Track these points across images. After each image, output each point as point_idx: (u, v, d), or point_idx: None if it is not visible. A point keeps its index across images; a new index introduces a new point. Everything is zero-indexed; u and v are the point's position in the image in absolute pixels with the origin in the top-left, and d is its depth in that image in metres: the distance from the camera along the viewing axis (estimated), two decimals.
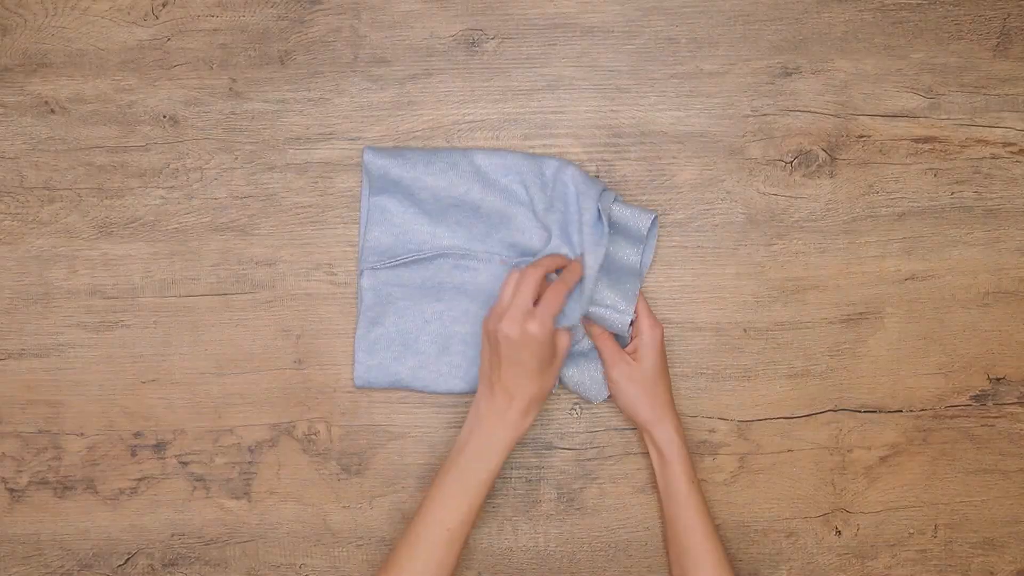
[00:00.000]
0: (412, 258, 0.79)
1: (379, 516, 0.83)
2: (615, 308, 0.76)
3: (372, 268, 0.79)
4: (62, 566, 0.82)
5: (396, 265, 0.80)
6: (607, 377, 0.77)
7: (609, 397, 0.81)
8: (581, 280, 0.75)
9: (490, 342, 0.72)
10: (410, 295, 0.80)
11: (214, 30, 0.81)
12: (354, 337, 0.80)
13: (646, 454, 0.83)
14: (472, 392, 0.80)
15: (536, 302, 0.71)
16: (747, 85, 0.82)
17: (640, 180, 0.82)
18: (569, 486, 0.83)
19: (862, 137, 0.82)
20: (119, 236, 0.81)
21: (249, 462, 0.82)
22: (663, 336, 0.77)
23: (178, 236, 0.81)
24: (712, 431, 0.83)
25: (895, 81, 0.82)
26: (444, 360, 0.80)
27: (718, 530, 0.79)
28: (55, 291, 0.82)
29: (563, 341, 0.74)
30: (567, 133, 0.82)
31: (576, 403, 0.84)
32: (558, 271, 0.76)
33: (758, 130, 0.82)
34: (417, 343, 0.80)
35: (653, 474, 0.82)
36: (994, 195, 0.83)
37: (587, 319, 0.78)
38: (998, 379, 0.84)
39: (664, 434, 0.76)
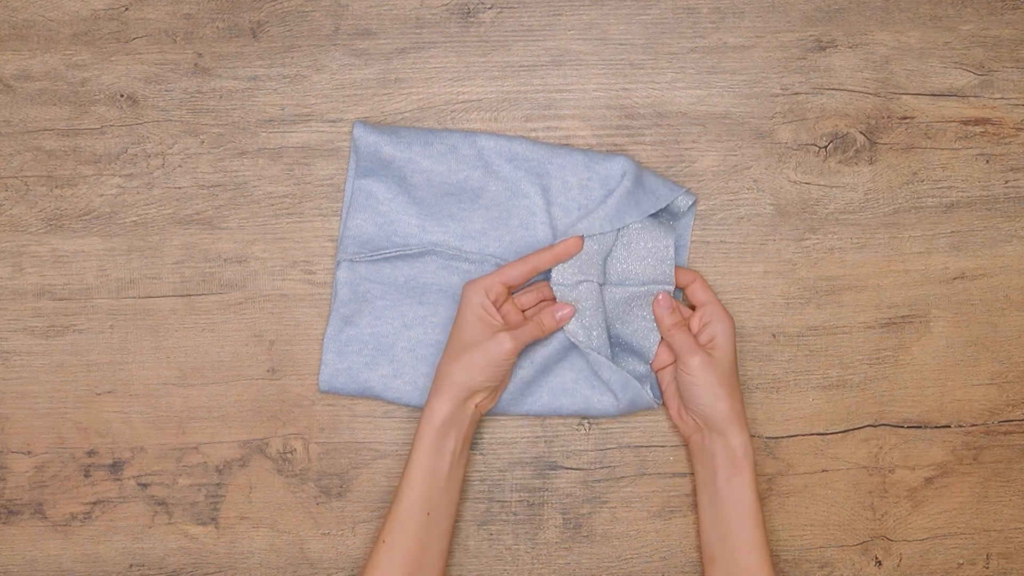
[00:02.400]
0: (396, 253, 0.78)
1: (362, 544, 0.80)
2: (652, 280, 0.76)
3: (351, 260, 0.78)
4: None
5: (377, 259, 0.78)
6: (683, 367, 0.74)
7: (660, 404, 0.79)
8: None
9: None
10: (390, 295, 0.79)
11: None
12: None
13: (664, 474, 0.80)
14: None
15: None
16: (776, 60, 0.80)
17: (656, 167, 0.81)
18: (576, 510, 0.81)
19: (905, 119, 0.81)
20: (71, 230, 0.80)
21: (217, 484, 0.80)
22: (735, 329, 0.76)
23: (137, 230, 0.80)
24: None
25: (942, 56, 0.81)
26: (421, 371, 0.78)
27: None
28: None
29: (502, 342, 0.72)
30: (574, 114, 0.80)
31: (584, 418, 0.81)
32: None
33: (788, 111, 0.81)
34: (393, 349, 0.78)
35: (680, 490, 0.80)
36: None
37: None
38: None
39: (740, 437, 0.74)
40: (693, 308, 0.77)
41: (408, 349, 0.78)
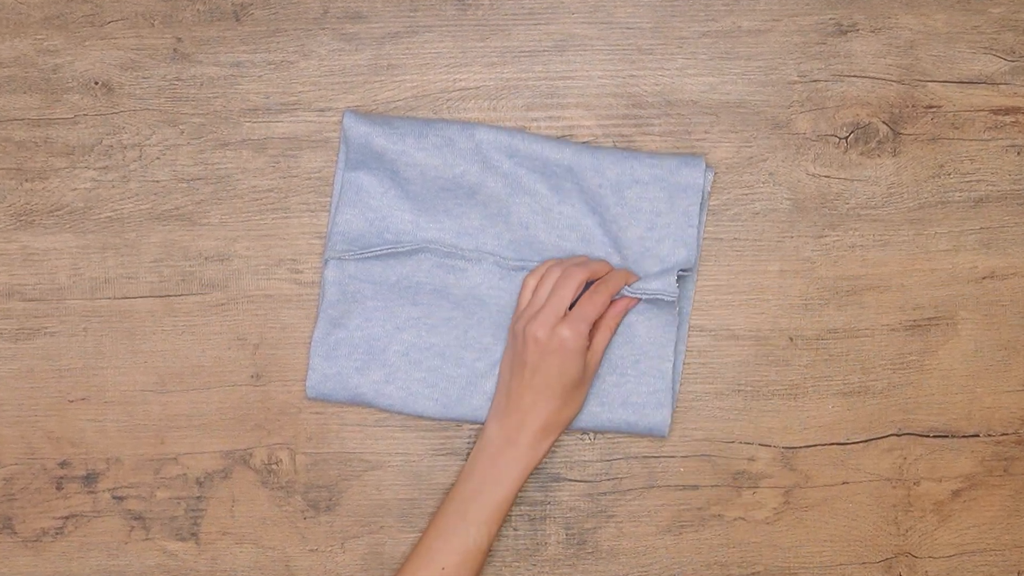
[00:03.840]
0: (388, 251, 0.77)
1: (353, 561, 0.79)
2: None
3: (339, 258, 0.78)
4: None
5: (368, 257, 0.78)
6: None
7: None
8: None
9: (514, 346, 0.73)
10: (381, 295, 0.78)
11: None
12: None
13: (673, 486, 0.80)
14: (445, 418, 0.79)
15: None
16: (794, 45, 0.80)
17: None
18: (580, 525, 0.80)
19: (931, 108, 0.80)
20: (42, 226, 0.79)
21: (197, 497, 0.80)
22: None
23: (112, 226, 0.79)
24: (751, 459, 0.80)
25: (971, 40, 0.80)
26: (415, 376, 0.78)
27: None
28: None
29: (594, 359, 0.74)
30: (578, 103, 0.79)
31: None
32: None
33: (807, 99, 0.80)
34: (385, 353, 0.77)
35: (691, 504, 0.79)
36: None
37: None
38: None
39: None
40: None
41: (401, 353, 0.77)
